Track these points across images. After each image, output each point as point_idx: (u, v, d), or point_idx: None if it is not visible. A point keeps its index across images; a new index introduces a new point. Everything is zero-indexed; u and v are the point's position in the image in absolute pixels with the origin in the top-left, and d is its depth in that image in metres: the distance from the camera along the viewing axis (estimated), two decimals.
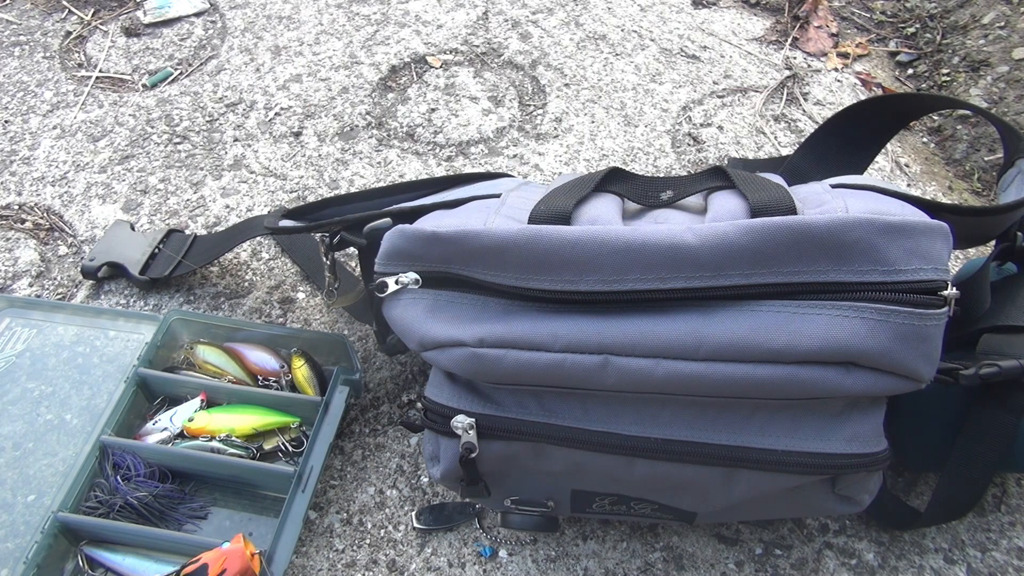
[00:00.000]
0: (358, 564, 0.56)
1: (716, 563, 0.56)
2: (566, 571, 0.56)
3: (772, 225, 0.38)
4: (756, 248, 0.38)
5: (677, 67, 0.96)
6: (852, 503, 0.46)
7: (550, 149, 0.86)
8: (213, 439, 0.59)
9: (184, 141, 0.86)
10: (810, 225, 0.37)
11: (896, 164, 0.87)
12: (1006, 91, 0.90)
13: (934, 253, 0.38)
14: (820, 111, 0.91)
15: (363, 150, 0.85)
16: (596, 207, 0.44)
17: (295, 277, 0.74)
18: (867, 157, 0.65)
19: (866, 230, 0.37)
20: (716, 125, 0.89)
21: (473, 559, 0.56)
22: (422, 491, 0.60)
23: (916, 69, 0.98)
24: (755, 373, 0.38)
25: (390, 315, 0.45)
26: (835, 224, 0.37)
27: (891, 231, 0.37)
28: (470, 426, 0.43)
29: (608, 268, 0.39)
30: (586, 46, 0.98)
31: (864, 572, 0.56)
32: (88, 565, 0.54)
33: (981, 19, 0.97)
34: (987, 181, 0.85)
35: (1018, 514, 0.59)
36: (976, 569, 0.57)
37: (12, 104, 0.90)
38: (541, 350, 0.39)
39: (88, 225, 0.77)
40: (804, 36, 1.01)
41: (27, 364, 0.64)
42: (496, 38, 0.99)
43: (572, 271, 0.39)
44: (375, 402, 0.65)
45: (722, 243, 0.38)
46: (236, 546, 0.51)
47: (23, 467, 0.57)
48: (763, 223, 0.38)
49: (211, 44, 0.97)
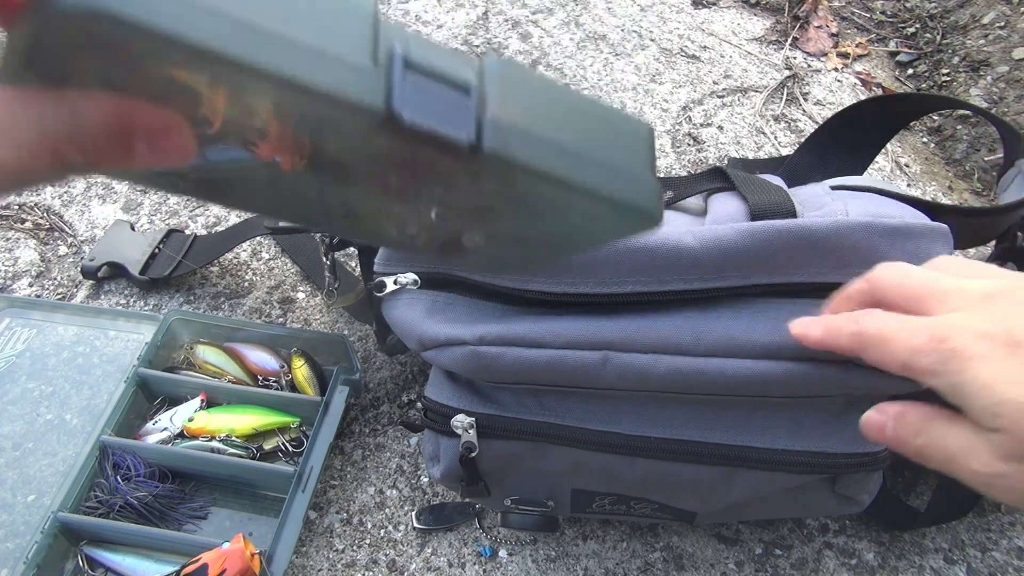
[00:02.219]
0: (358, 564, 0.56)
1: (716, 563, 0.56)
2: (566, 571, 0.56)
3: (772, 228, 0.38)
4: (756, 251, 0.38)
5: (677, 67, 0.96)
6: (852, 503, 0.46)
7: None
8: (213, 439, 0.59)
9: None
10: (811, 229, 0.37)
11: (896, 164, 0.87)
12: (1006, 91, 0.90)
13: (934, 255, 0.38)
14: (820, 111, 0.91)
15: None
16: None
17: (295, 277, 0.74)
18: (867, 157, 0.65)
19: (867, 233, 0.37)
20: (716, 125, 0.89)
21: (473, 559, 0.56)
22: (422, 491, 0.60)
23: (916, 69, 0.98)
24: (755, 368, 0.38)
25: (389, 315, 0.45)
26: (835, 228, 0.37)
27: (892, 234, 0.38)
28: (470, 425, 0.43)
29: (607, 270, 0.39)
30: (586, 46, 0.98)
31: (864, 572, 0.56)
32: (88, 565, 0.54)
33: (981, 19, 0.97)
34: (987, 181, 0.85)
35: (1018, 514, 0.59)
36: (976, 569, 0.57)
37: None
38: (542, 347, 0.39)
39: (88, 225, 0.77)
40: (804, 36, 1.01)
41: (27, 364, 0.64)
42: (496, 38, 0.99)
43: (571, 273, 0.40)
44: (375, 402, 0.65)
45: (721, 246, 0.38)
46: (236, 546, 0.51)
47: (23, 467, 0.57)
48: (763, 226, 0.38)
49: None
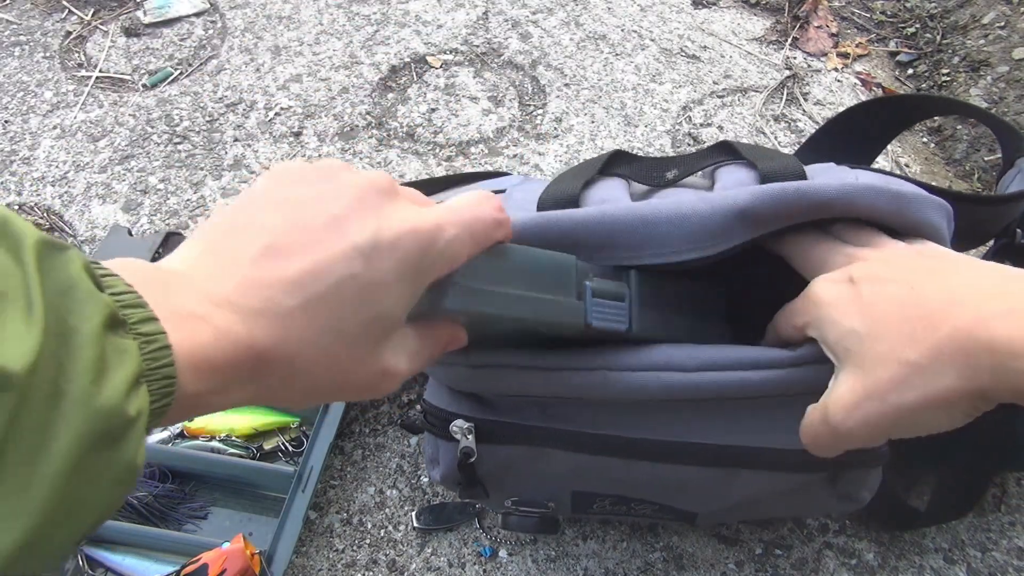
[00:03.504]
0: (358, 564, 0.56)
1: (716, 563, 0.56)
2: (566, 571, 0.56)
3: (781, 189, 0.37)
4: (767, 212, 0.37)
5: (677, 67, 0.96)
6: (852, 501, 0.46)
7: (550, 149, 0.86)
8: (213, 439, 0.59)
9: (184, 141, 0.86)
10: (821, 190, 0.37)
11: (896, 164, 0.87)
12: (1006, 91, 0.90)
13: (936, 225, 0.38)
14: (820, 111, 0.91)
15: (363, 150, 0.85)
16: (604, 188, 0.44)
17: None
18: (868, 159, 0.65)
19: (875, 197, 0.37)
20: (716, 125, 0.89)
21: (473, 559, 0.56)
22: (422, 491, 0.60)
23: (916, 69, 0.98)
24: (751, 379, 0.38)
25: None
26: (845, 190, 0.37)
27: (898, 199, 0.37)
28: (469, 430, 0.42)
29: (622, 246, 0.39)
30: (586, 46, 0.98)
31: (864, 572, 0.56)
32: (88, 565, 0.54)
33: (981, 19, 0.97)
34: (987, 181, 0.85)
35: (1018, 514, 0.59)
36: (976, 569, 0.57)
37: (12, 104, 0.90)
38: (538, 369, 0.39)
39: (88, 225, 0.77)
40: (804, 36, 1.01)
41: None
42: (496, 38, 0.99)
43: (585, 252, 0.39)
44: (375, 402, 0.65)
45: (733, 207, 0.37)
46: (236, 546, 0.51)
47: None
48: (773, 187, 0.37)
49: (211, 44, 0.97)
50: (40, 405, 0.18)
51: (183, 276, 0.25)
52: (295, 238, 0.26)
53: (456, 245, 0.29)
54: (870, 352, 0.31)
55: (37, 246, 0.20)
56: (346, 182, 0.28)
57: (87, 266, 0.21)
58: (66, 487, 0.19)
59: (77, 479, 0.19)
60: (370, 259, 0.26)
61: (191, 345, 0.23)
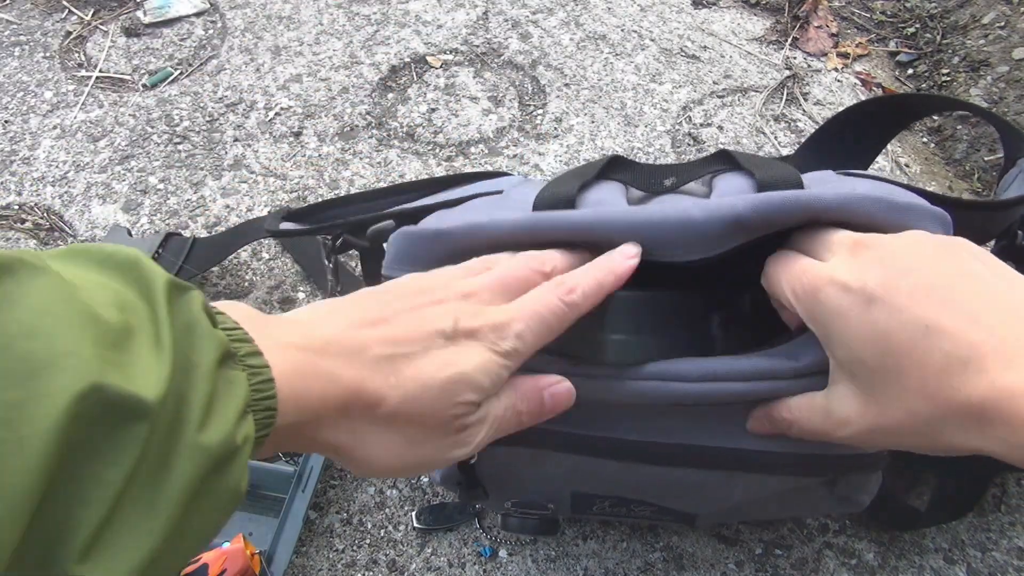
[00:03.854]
0: (358, 564, 0.56)
1: (716, 563, 0.57)
2: (566, 571, 0.56)
3: (779, 198, 0.37)
4: (763, 220, 0.37)
5: (677, 67, 0.96)
6: (852, 503, 0.46)
7: (550, 149, 0.86)
8: None
9: (184, 141, 0.86)
10: (819, 198, 0.37)
11: (896, 164, 0.87)
12: (1006, 91, 0.90)
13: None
14: (820, 111, 0.91)
15: (363, 150, 0.85)
16: (600, 191, 0.44)
17: (295, 277, 0.74)
18: (867, 158, 0.65)
19: (873, 207, 0.37)
20: (716, 125, 0.89)
21: (473, 559, 0.56)
22: (422, 491, 0.60)
23: (916, 69, 0.98)
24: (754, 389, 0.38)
25: None
26: (843, 199, 0.37)
27: (897, 210, 0.37)
28: None
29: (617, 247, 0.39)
30: (586, 46, 0.98)
31: (864, 572, 0.56)
32: None
33: (981, 19, 0.97)
34: (987, 181, 0.85)
35: (1018, 514, 0.59)
36: (976, 569, 0.57)
37: (12, 104, 0.90)
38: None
39: (88, 225, 0.77)
40: (804, 36, 1.01)
41: None
42: (496, 38, 0.99)
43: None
44: None
45: (728, 215, 0.37)
46: (236, 546, 0.51)
47: None
48: (770, 195, 0.37)
49: (211, 44, 0.97)
50: (165, 433, 0.20)
51: (285, 319, 0.29)
52: (388, 315, 0.31)
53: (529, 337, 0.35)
54: (880, 388, 0.31)
55: (167, 287, 0.22)
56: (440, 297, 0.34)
57: (205, 305, 0.24)
58: (184, 510, 0.20)
59: (193, 503, 0.21)
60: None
61: (289, 374, 0.25)
